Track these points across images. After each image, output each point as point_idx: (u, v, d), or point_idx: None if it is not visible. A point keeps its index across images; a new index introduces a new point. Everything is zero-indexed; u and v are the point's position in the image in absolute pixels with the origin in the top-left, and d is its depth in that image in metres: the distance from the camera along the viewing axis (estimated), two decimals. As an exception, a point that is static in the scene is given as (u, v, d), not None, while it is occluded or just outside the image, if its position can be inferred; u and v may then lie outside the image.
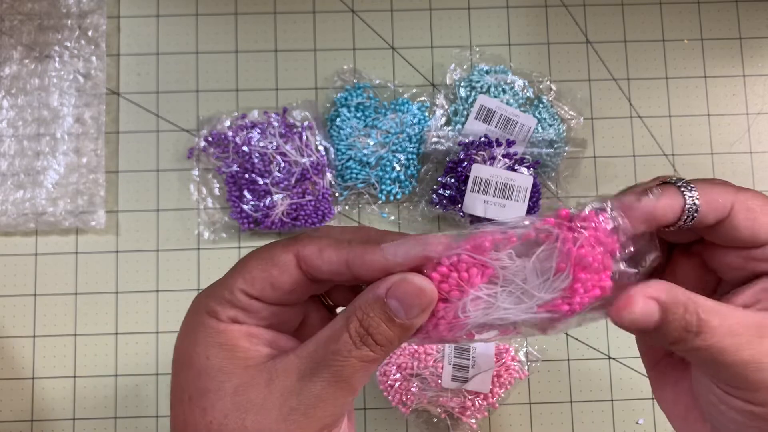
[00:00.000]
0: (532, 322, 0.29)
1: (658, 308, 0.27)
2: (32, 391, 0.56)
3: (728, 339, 0.27)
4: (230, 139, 0.58)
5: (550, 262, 0.28)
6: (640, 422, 0.57)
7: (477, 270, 0.28)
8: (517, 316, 0.28)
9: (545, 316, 0.28)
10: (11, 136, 0.58)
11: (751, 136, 0.61)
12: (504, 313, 0.28)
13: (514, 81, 0.59)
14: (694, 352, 0.27)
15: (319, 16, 0.61)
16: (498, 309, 0.28)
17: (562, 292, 0.28)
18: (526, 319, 0.28)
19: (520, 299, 0.28)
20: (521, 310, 0.28)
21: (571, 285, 0.28)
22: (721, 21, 0.62)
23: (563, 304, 0.28)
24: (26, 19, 0.59)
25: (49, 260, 0.58)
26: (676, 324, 0.27)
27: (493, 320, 0.28)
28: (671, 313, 0.27)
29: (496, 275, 0.28)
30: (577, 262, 0.28)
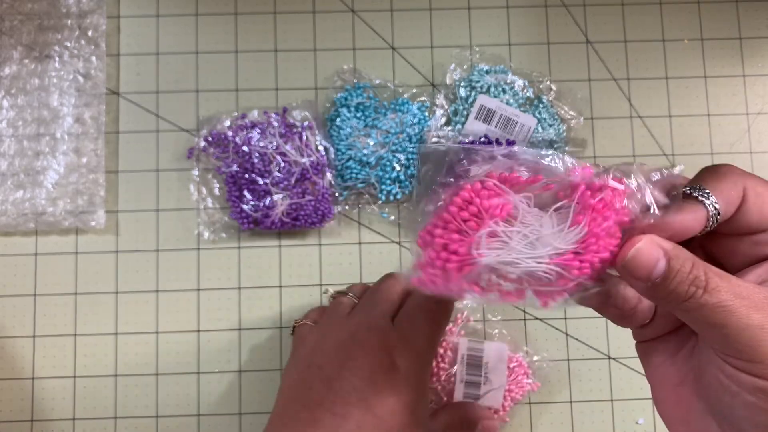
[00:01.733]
0: (539, 277, 0.28)
1: (664, 256, 0.27)
2: (32, 391, 0.56)
3: (738, 300, 0.27)
4: (230, 139, 0.58)
5: (566, 215, 0.28)
6: (640, 422, 0.57)
7: (498, 201, 0.28)
8: (528, 264, 0.27)
9: (554, 271, 0.28)
10: (11, 136, 0.58)
11: (751, 136, 0.61)
12: (516, 257, 0.27)
13: (514, 81, 0.59)
14: (702, 312, 0.27)
15: (319, 16, 0.61)
16: (511, 252, 0.27)
17: (576, 246, 0.28)
18: (534, 271, 0.28)
19: (534, 246, 0.27)
20: (533, 258, 0.27)
21: (585, 238, 0.28)
22: (722, 21, 0.62)
23: (574, 260, 0.28)
24: (26, 19, 0.59)
25: (48, 260, 0.58)
26: (684, 276, 0.27)
27: (504, 265, 0.27)
28: (678, 263, 0.27)
29: (513, 215, 0.28)
30: (594, 217, 0.27)
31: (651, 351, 0.34)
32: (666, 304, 0.28)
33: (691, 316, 0.28)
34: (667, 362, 0.33)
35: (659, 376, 0.33)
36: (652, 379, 0.34)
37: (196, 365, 0.56)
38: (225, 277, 0.58)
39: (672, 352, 0.33)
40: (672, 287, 0.27)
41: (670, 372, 0.32)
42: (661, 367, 0.33)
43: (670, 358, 0.33)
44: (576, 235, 0.28)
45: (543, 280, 0.28)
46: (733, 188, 0.29)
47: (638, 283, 0.28)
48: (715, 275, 0.27)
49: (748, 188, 0.29)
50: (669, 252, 0.27)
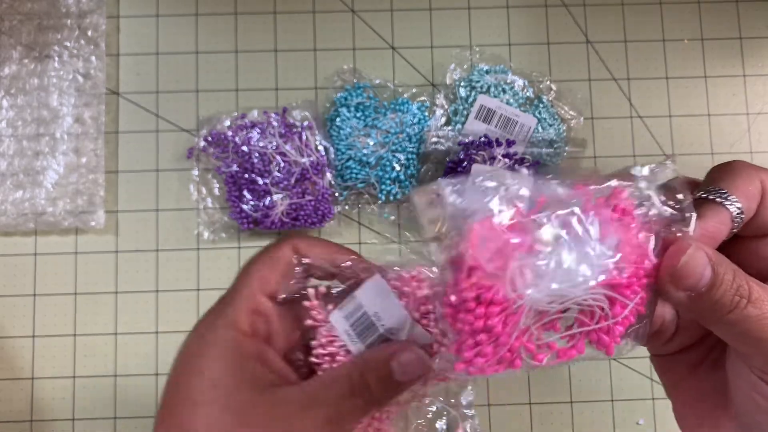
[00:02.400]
0: (592, 312, 0.25)
1: (709, 263, 0.25)
2: (31, 392, 0.56)
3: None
4: (230, 139, 0.58)
5: (589, 234, 0.24)
6: (641, 422, 0.57)
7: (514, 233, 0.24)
8: (573, 293, 0.24)
9: (607, 297, 0.25)
10: (10, 136, 0.58)
11: (751, 136, 0.61)
12: (560, 286, 0.24)
13: (514, 81, 0.59)
14: (744, 325, 0.25)
15: (319, 16, 0.61)
16: (550, 283, 0.24)
17: (615, 262, 0.24)
18: (583, 298, 0.24)
19: (572, 271, 0.24)
20: (576, 284, 0.24)
21: (619, 247, 0.25)
22: (722, 21, 0.62)
23: (620, 277, 0.25)
24: (26, 19, 0.59)
25: (48, 260, 0.57)
26: (729, 285, 0.25)
27: (548, 301, 0.24)
28: (722, 270, 0.25)
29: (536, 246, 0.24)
30: (617, 227, 0.25)
31: (670, 365, 0.32)
32: (707, 317, 0.26)
33: (733, 330, 0.26)
34: (688, 377, 0.31)
35: (680, 391, 0.32)
36: (672, 394, 0.32)
37: (195, 365, 0.56)
38: (225, 277, 0.58)
39: (693, 366, 0.31)
40: (717, 297, 0.25)
41: (691, 386, 0.31)
42: (683, 381, 0.31)
43: (691, 372, 0.31)
44: (610, 249, 0.24)
45: (596, 314, 0.25)
46: (750, 184, 0.27)
47: (681, 295, 0.26)
48: (757, 285, 0.26)
49: (765, 182, 0.27)
50: (713, 258, 0.25)
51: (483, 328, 0.24)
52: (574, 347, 0.26)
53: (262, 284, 0.30)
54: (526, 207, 0.25)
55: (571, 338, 0.26)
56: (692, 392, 0.31)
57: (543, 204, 0.25)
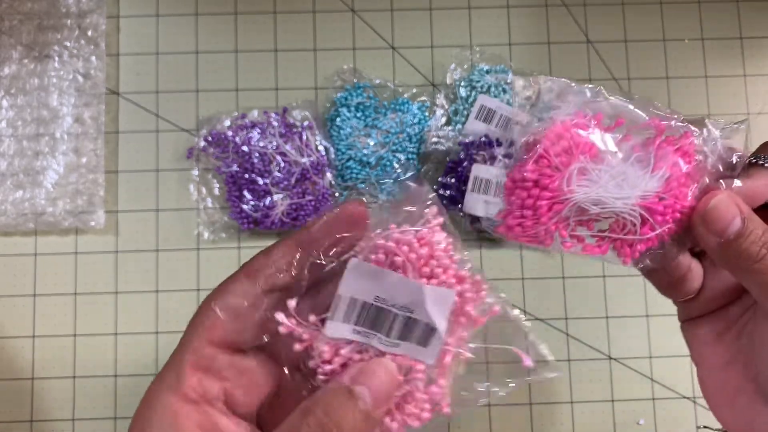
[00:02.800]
0: (624, 223, 0.28)
1: (740, 214, 0.28)
2: (32, 392, 0.56)
3: None
4: (230, 138, 0.58)
5: (647, 163, 0.28)
6: (641, 423, 0.57)
7: (587, 139, 0.27)
8: (615, 204, 0.27)
9: (640, 216, 0.28)
10: (10, 136, 0.58)
11: (752, 136, 0.60)
12: (605, 195, 0.27)
13: (514, 80, 0.59)
14: (765, 276, 0.27)
15: (319, 16, 0.61)
16: (600, 190, 0.27)
17: (659, 191, 0.28)
18: (621, 212, 0.27)
19: (621, 187, 0.27)
20: (621, 198, 0.27)
21: (668, 181, 0.28)
22: (722, 20, 0.62)
23: (659, 204, 0.28)
24: (26, 18, 0.59)
25: (48, 260, 0.57)
26: (757, 237, 0.27)
27: (593, 204, 0.27)
28: (753, 224, 0.28)
29: (600, 157, 0.28)
30: (674, 162, 0.28)
31: (697, 329, 0.33)
32: (735, 265, 0.28)
33: (759, 280, 0.28)
34: (713, 342, 0.32)
35: (705, 356, 0.33)
36: (697, 359, 0.33)
37: (195, 365, 0.56)
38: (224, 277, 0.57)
39: (719, 332, 0.32)
40: (745, 246, 0.27)
41: (716, 352, 0.32)
42: (708, 346, 0.33)
43: (717, 337, 0.32)
44: (659, 180, 0.28)
45: (627, 227, 0.28)
46: None
47: (712, 238, 0.28)
48: None
49: None
50: (745, 212, 0.28)
51: (531, 206, 0.27)
52: (599, 247, 0.29)
53: (210, 333, 0.26)
54: (606, 122, 0.28)
55: (600, 239, 0.29)
56: (716, 359, 0.32)
57: (620, 124, 0.28)
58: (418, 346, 0.26)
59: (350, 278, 0.26)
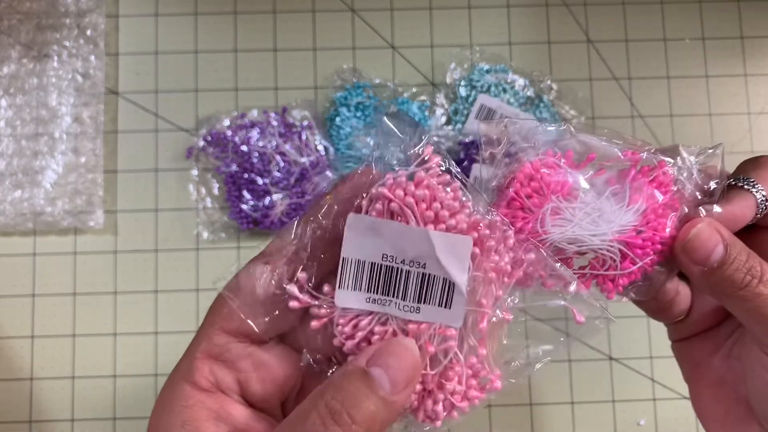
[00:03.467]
0: (603, 260, 0.27)
1: (722, 242, 0.27)
2: (30, 392, 0.56)
3: None
4: (229, 138, 0.58)
5: (622, 198, 0.28)
6: (641, 423, 0.57)
7: (559, 178, 0.27)
8: (592, 241, 0.27)
9: (619, 252, 0.27)
10: (9, 136, 0.58)
11: (752, 135, 0.60)
12: (581, 233, 0.27)
13: (514, 80, 0.59)
14: (756, 302, 0.27)
15: (319, 15, 0.61)
16: (575, 228, 0.27)
17: (636, 224, 0.28)
18: (599, 249, 0.27)
19: (597, 223, 0.27)
20: (597, 235, 0.27)
21: (645, 214, 0.28)
22: (723, 20, 0.61)
23: (637, 238, 0.28)
24: (25, 18, 0.59)
25: (47, 260, 0.57)
26: (741, 264, 0.27)
27: (569, 243, 0.27)
28: (736, 251, 0.27)
29: (573, 195, 0.27)
30: (650, 194, 0.28)
31: (688, 350, 0.33)
32: (720, 292, 0.28)
33: (744, 307, 0.28)
34: (704, 362, 0.32)
35: (697, 376, 0.33)
36: (688, 378, 0.33)
37: (195, 366, 0.56)
38: (224, 277, 0.57)
39: (710, 352, 0.33)
40: (728, 273, 0.27)
41: (707, 372, 0.32)
42: (699, 366, 0.33)
43: (707, 357, 0.32)
44: (635, 213, 0.27)
45: (608, 263, 0.28)
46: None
47: (695, 267, 0.28)
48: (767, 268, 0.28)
49: None
50: (727, 239, 0.28)
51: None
52: (582, 284, 0.28)
53: (225, 323, 0.26)
54: (576, 159, 0.28)
55: (581, 276, 0.29)
56: (708, 378, 0.32)
57: (591, 160, 0.28)
58: (441, 309, 0.24)
59: (352, 237, 0.24)
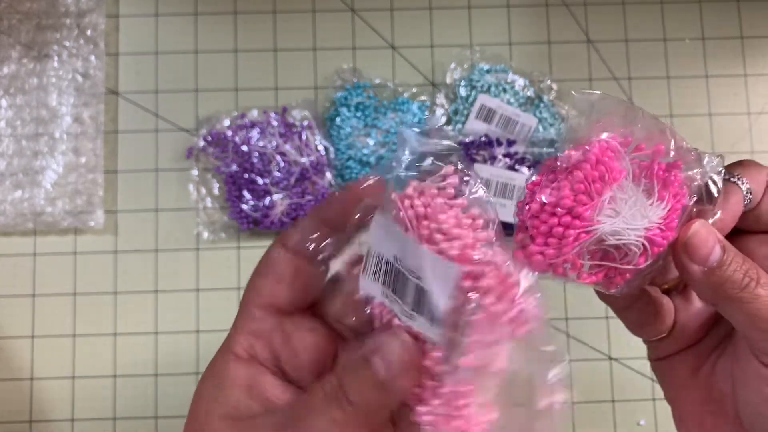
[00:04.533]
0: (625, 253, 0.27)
1: (719, 242, 0.28)
2: (31, 392, 0.56)
3: None
4: (229, 138, 0.58)
5: (646, 191, 0.27)
6: (642, 423, 0.57)
7: (619, 165, 0.27)
8: (629, 236, 0.26)
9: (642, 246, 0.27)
10: (9, 136, 0.58)
11: (752, 135, 0.60)
12: (624, 227, 0.26)
13: (514, 80, 0.59)
14: (756, 304, 0.27)
15: (319, 15, 0.61)
16: (619, 221, 0.26)
17: (660, 223, 0.27)
18: (629, 241, 0.27)
19: (635, 217, 0.27)
20: (635, 229, 0.27)
21: (668, 214, 0.27)
22: (723, 20, 0.61)
23: (659, 235, 0.27)
24: (25, 18, 0.59)
25: (47, 260, 0.57)
26: (738, 265, 0.27)
27: (610, 234, 0.26)
28: (732, 252, 0.27)
29: (622, 186, 0.27)
30: (674, 194, 0.27)
31: (669, 369, 0.33)
32: (720, 294, 0.28)
33: (743, 309, 0.27)
34: (687, 381, 0.32)
35: (681, 396, 0.32)
36: (672, 399, 0.33)
37: (195, 366, 0.56)
38: (224, 278, 0.57)
39: (692, 369, 0.32)
40: (728, 273, 0.27)
41: (691, 391, 0.32)
42: (682, 386, 0.32)
43: (690, 375, 0.32)
44: (663, 210, 0.27)
45: (628, 257, 0.27)
46: (758, 173, 0.30)
47: (695, 267, 0.28)
48: (765, 273, 0.28)
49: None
50: (722, 240, 0.28)
51: (560, 234, 0.26)
52: (595, 275, 0.28)
53: (259, 298, 0.28)
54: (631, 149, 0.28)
55: (599, 268, 0.28)
56: (692, 397, 0.32)
57: (660, 152, 0.27)
58: (430, 325, 0.25)
59: (375, 232, 0.25)
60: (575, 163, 0.26)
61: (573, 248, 0.26)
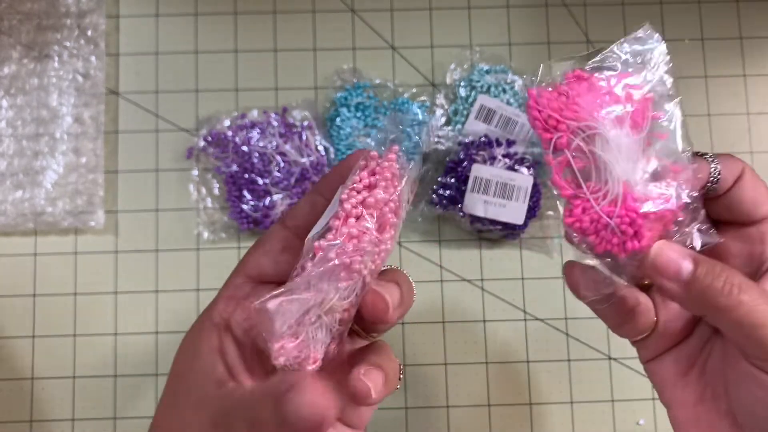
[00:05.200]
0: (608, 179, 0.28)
1: (687, 255, 0.28)
2: (31, 392, 0.56)
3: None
4: (230, 138, 0.58)
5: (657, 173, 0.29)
6: (641, 423, 0.57)
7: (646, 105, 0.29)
8: (614, 167, 0.28)
9: (623, 195, 0.28)
10: (10, 136, 0.58)
11: (751, 136, 0.60)
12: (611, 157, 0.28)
13: (514, 81, 0.59)
14: (740, 311, 0.27)
15: (319, 16, 0.61)
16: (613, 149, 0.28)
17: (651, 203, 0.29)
18: (615, 176, 0.28)
19: (629, 161, 0.28)
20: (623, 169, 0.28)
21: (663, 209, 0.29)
22: (722, 20, 0.62)
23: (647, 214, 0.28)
24: (25, 18, 0.59)
25: (48, 260, 0.57)
26: (716, 274, 0.27)
27: (607, 165, 0.28)
28: (706, 263, 0.28)
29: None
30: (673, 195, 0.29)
31: (660, 371, 0.33)
32: (703, 305, 0.28)
33: (728, 317, 0.27)
34: (679, 381, 0.32)
35: (675, 397, 0.32)
36: (667, 401, 0.33)
37: (195, 365, 0.56)
38: (224, 278, 0.57)
39: (684, 369, 0.32)
40: (708, 282, 0.27)
41: (685, 391, 0.32)
42: (675, 387, 0.32)
43: (682, 376, 0.32)
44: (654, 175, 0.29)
45: (605, 197, 0.28)
46: (733, 163, 0.31)
47: (671, 284, 0.28)
48: (743, 277, 0.28)
49: (746, 169, 0.31)
50: (692, 254, 0.28)
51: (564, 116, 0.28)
52: (568, 191, 0.30)
53: (244, 268, 0.30)
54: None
55: (573, 181, 0.30)
56: (685, 398, 0.32)
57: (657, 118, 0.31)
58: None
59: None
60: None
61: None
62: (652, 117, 0.29)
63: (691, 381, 0.32)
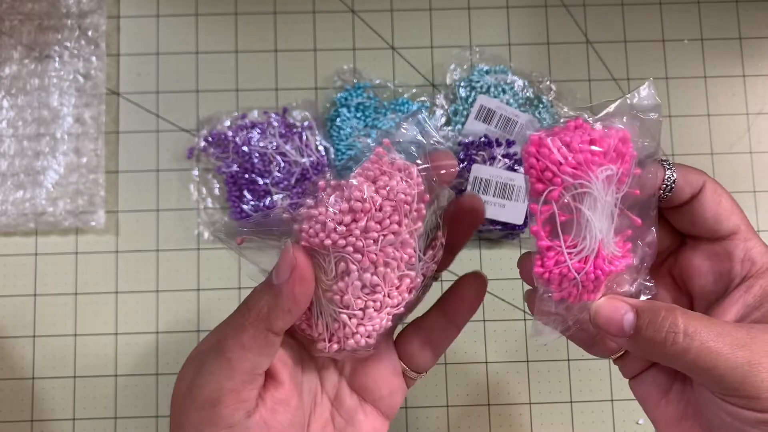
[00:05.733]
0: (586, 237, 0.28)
1: (631, 309, 0.28)
2: (32, 391, 0.56)
3: (720, 339, 0.27)
4: (230, 139, 0.58)
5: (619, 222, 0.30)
6: (641, 422, 0.57)
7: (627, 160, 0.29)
8: (594, 231, 0.28)
9: (595, 255, 0.28)
10: (11, 136, 0.58)
11: (751, 136, 0.61)
12: (593, 217, 0.28)
13: (514, 81, 0.59)
14: (687, 357, 0.27)
15: (319, 16, 0.61)
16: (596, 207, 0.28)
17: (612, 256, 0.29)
18: (593, 238, 0.28)
19: (606, 222, 0.28)
20: (600, 231, 0.28)
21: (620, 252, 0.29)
22: (722, 21, 0.62)
23: (607, 265, 0.29)
24: (26, 19, 0.59)
25: (48, 260, 0.58)
26: (658, 324, 0.27)
27: (586, 207, 0.28)
28: (648, 313, 0.28)
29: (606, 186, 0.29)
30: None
31: (642, 389, 0.33)
32: (651, 354, 0.29)
33: (680, 363, 0.27)
34: (662, 398, 0.32)
35: (659, 414, 0.33)
36: (652, 418, 0.33)
37: (196, 365, 0.56)
38: (225, 277, 0.58)
39: (664, 388, 0.32)
40: (649, 335, 0.27)
41: (668, 409, 0.32)
42: (659, 405, 0.33)
43: (664, 394, 0.32)
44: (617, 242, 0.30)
45: (583, 252, 0.28)
46: (694, 175, 0.31)
47: (618, 339, 0.29)
48: (693, 319, 0.27)
49: (707, 183, 0.31)
50: (636, 305, 0.28)
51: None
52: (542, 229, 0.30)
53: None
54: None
55: (547, 224, 0.30)
56: (669, 415, 0.32)
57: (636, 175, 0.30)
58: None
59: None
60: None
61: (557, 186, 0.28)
62: (634, 173, 0.29)
63: (673, 399, 0.32)
